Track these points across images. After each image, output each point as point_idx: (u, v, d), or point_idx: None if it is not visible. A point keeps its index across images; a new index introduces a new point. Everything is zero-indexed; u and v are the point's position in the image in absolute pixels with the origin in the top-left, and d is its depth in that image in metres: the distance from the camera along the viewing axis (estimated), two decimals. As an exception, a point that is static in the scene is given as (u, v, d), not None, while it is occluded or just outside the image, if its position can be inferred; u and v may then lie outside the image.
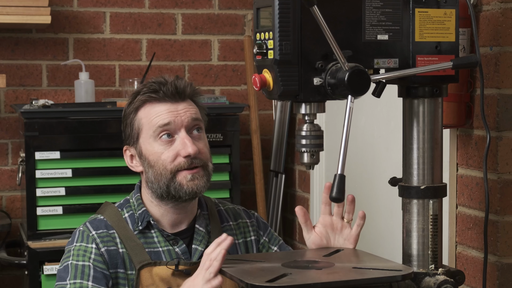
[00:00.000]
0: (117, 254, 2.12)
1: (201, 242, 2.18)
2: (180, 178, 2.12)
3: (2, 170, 3.75)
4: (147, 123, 2.15)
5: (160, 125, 2.12)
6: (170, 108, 2.14)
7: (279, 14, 1.79)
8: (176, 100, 2.15)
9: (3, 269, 3.70)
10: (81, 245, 2.11)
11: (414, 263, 1.97)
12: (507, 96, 2.18)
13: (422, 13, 1.92)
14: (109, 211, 2.19)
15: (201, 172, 2.13)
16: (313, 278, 1.79)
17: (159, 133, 2.12)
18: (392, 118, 2.80)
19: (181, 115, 2.13)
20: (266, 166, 3.91)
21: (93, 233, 2.13)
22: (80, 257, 2.10)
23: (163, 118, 2.13)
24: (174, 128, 2.13)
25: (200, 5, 3.95)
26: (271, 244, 2.29)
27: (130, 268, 2.12)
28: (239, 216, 2.28)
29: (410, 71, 1.89)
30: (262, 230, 2.30)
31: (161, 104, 2.14)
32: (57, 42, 3.78)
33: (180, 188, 2.11)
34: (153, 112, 2.14)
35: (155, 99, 2.15)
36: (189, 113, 2.14)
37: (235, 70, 4.01)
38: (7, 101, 3.74)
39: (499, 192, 2.19)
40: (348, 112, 1.77)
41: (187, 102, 2.17)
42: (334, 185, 1.76)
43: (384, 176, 2.30)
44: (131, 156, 2.22)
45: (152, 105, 2.15)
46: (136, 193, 2.21)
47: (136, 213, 2.17)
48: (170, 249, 2.15)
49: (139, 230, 2.15)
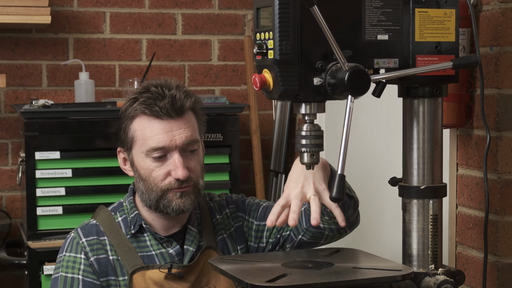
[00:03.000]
0: (107, 262, 2.11)
1: (192, 242, 2.17)
2: (170, 195, 2.10)
3: (2, 170, 3.75)
4: (140, 138, 2.10)
5: (153, 147, 2.09)
6: (165, 127, 2.08)
7: (279, 14, 1.79)
8: (171, 117, 2.09)
9: (3, 269, 3.70)
10: (70, 256, 2.11)
11: (414, 263, 1.97)
12: (507, 96, 2.18)
13: (422, 13, 1.92)
14: (102, 216, 2.19)
15: (190, 190, 2.12)
16: (313, 278, 1.79)
17: (151, 152, 2.09)
18: (392, 118, 2.80)
19: (175, 138, 2.08)
20: (266, 166, 3.91)
21: (83, 241, 2.12)
22: (69, 269, 2.10)
23: (157, 141, 2.08)
24: (168, 149, 2.09)
25: (200, 5, 3.95)
26: (251, 218, 2.26)
27: (121, 274, 2.11)
28: (223, 208, 2.27)
29: (410, 71, 1.89)
30: (242, 211, 2.28)
31: (155, 120, 2.09)
32: (57, 42, 3.78)
33: (169, 205, 2.10)
34: (147, 130, 2.09)
35: (150, 114, 2.09)
36: (184, 136, 2.09)
37: (235, 70, 4.01)
38: (7, 101, 3.74)
39: (499, 192, 2.19)
40: (348, 112, 1.77)
41: (184, 119, 2.11)
42: (334, 185, 1.76)
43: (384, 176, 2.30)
44: (124, 159, 2.20)
45: (147, 119, 2.10)
46: (129, 196, 2.21)
47: (129, 216, 2.17)
48: (163, 252, 2.15)
49: (132, 234, 2.15)
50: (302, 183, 1.95)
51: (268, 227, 2.23)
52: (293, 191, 1.94)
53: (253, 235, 2.25)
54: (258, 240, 2.25)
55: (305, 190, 1.94)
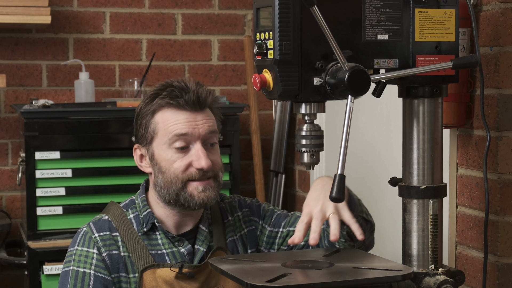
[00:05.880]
0: (118, 258, 2.11)
1: (203, 242, 2.18)
2: (191, 188, 2.11)
3: (2, 170, 3.75)
4: (163, 128, 2.12)
5: (177, 134, 2.10)
6: (189, 117, 2.11)
7: (279, 14, 1.79)
8: (196, 110, 2.12)
9: (3, 269, 3.70)
10: (83, 250, 2.11)
11: (414, 263, 1.97)
12: (507, 96, 2.18)
13: (422, 13, 1.92)
14: (114, 211, 2.19)
15: (213, 183, 2.13)
16: (313, 278, 1.79)
17: (174, 141, 2.10)
18: (392, 118, 2.80)
19: (199, 127, 2.11)
20: (266, 166, 3.91)
21: (96, 236, 2.12)
22: (81, 263, 2.10)
23: (181, 127, 2.10)
24: (191, 139, 2.11)
25: (200, 5, 3.95)
26: (265, 223, 2.28)
27: (132, 271, 2.11)
28: (235, 210, 2.28)
29: (410, 71, 1.89)
30: (256, 216, 2.29)
31: (180, 111, 2.11)
32: (57, 42, 3.78)
33: (191, 199, 2.10)
34: (171, 119, 2.12)
35: (175, 106, 2.12)
36: (207, 125, 2.12)
37: (235, 70, 4.01)
38: (7, 101, 3.74)
39: (499, 192, 2.19)
40: (348, 112, 1.77)
41: (206, 112, 2.14)
42: (334, 185, 1.76)
43: (384, 176, 2.30)
44: (141, 156, 2.20)
45: (171, 111, 2.12)
46: (141, 193, 2.21)
47: (141, 214, 2.17)
48: (174, 251, 2.15)
49: (144, 232, 2.15)
50: (322, 201, 2.00)
51: (281, 235, 2.26)
52: (314, 209, 1.99)
53: (265, 240, 2.27)
54: (269, 245, 2.26)
55: (325, 209, 1.99)
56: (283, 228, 2.26)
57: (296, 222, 2.22)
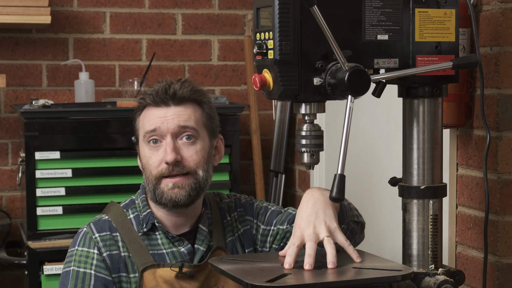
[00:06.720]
0: (119, 258, 2.12)
1: (203, 242, 2.18)
2: (163, 185, 2.11)
3: (2, 170, 3.75)
4: (141, 127, 2.17)
5: (147, 130, 2.13)
6: (160, 113, 2.13)
7: (279, 14, 1.79)
8: (167, 105, 2.13)
9: (3, 269, 3.70)
10: (83, 250, 2.11)
11: (414, 263, 1.97)
12: (507, 96, 2.18)
13: (422, 13, 1.92)
14: (114, 212, 2.19)
15: (185, 181, 2.11)
16: (313, 278, 1.79)
17: (148, 138, 2.13)
18: (392, 118, 2.80)
19: (168, 122, 2.11)
20: (266, 166, 3.91)
21: (96, 236, 2.12)
22: (82, 263, 2.10)
23: (151, 124, 2.13)
24: (161, 134, 2.12)
25: (200, 5, 3.95)
26: (259, 221, 2.27)
27: (132, 271, 2.11)
28: (232, 210, 2.28)
29: (410, 71, 1.89)
30: (250, 215, 2.28)
31: (155, 109, 2.14)
32: (57, 42, 3.78)
33: (162, 196, 2.11)
34: (146, 117, 2.15)
35: (151, 105, 2.15)
36: (177, 120, 2.12)
37: (235, 70, 4.01)
38: (7, 101, 3.74)
39: (499, 192, 2.19)
40: (348, 112, 1.77)
41: (182, 107, 2.14)
42: (334, 185, 1.76)
43: (384, 176, 2.30)
44: (138, 157, 2.23)
45: (149, 110, 2.16)
46: (141, 193, 2.21)
47: (141, 214, 2.17)
48: (174, 251, 2.15)
49: (144, 232, 2.15)
50: (314, 223, 1.92)
51: (272, 233, 2.25)
52: (306, 232, 1.91)
53: (260, 238, 2.27)
54: (262, 244, 2.26)
55: (318, 231, 1.91)
56: (274, 226, 2.26)
57: (287, 220, 2.24)
